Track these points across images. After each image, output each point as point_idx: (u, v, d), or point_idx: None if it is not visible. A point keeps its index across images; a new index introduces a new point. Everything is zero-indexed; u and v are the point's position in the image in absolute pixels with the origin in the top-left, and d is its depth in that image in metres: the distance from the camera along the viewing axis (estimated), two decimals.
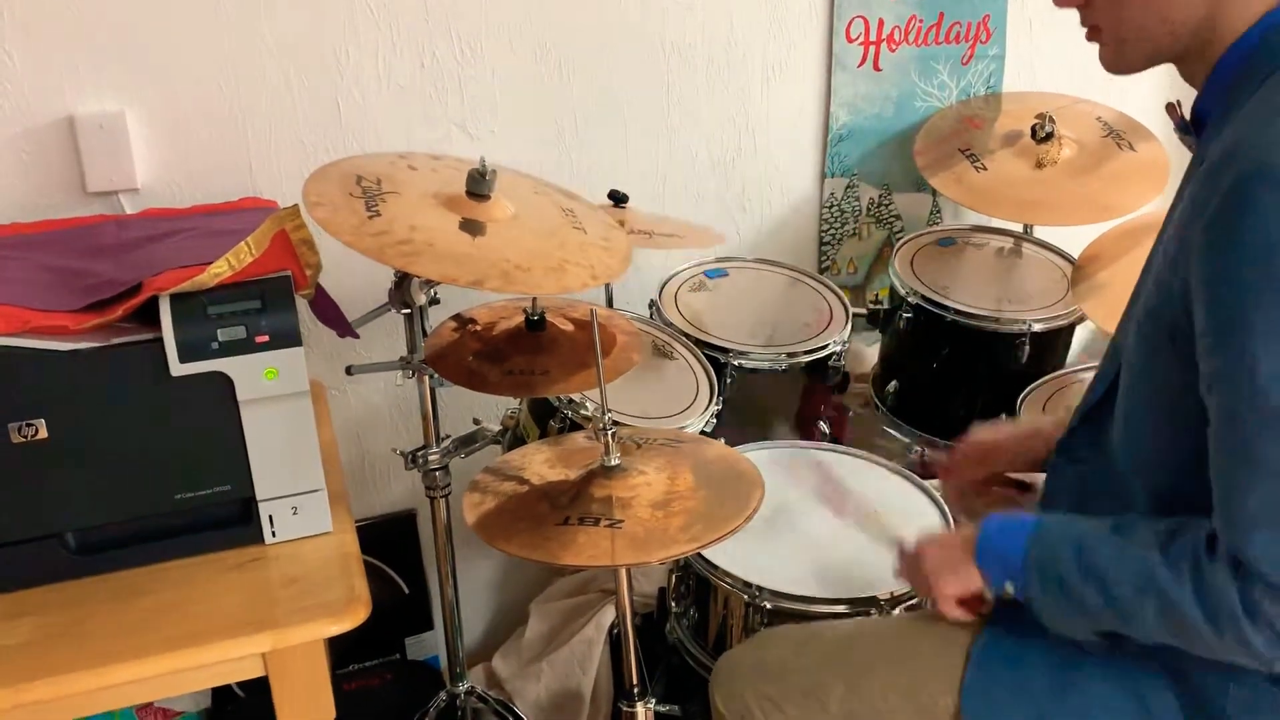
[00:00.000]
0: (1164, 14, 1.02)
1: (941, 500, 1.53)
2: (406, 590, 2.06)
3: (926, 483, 1.57)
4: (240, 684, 1.90)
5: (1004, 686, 1.14)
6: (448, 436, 1.62)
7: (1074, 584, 1.04)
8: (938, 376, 1.95)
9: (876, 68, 2.08)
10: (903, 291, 1.94)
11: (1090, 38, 1.09)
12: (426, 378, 1.52)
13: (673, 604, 1.58)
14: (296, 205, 1.27)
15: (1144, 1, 1.03)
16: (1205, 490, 0.98)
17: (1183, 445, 1.01)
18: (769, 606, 1.38)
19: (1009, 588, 1.10)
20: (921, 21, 2.07)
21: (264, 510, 1.29)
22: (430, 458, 1.59)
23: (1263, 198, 0.89)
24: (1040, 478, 1.40)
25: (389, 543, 2.03)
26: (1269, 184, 0.88)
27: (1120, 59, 1.08)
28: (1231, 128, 0.97)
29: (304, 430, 1.26)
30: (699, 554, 1.44)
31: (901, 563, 1.24)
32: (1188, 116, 1.08)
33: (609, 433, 1.30)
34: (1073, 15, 1.15)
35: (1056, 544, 1.07)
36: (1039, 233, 2.12)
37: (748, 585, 1.40)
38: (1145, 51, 1.06)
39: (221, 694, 1.91)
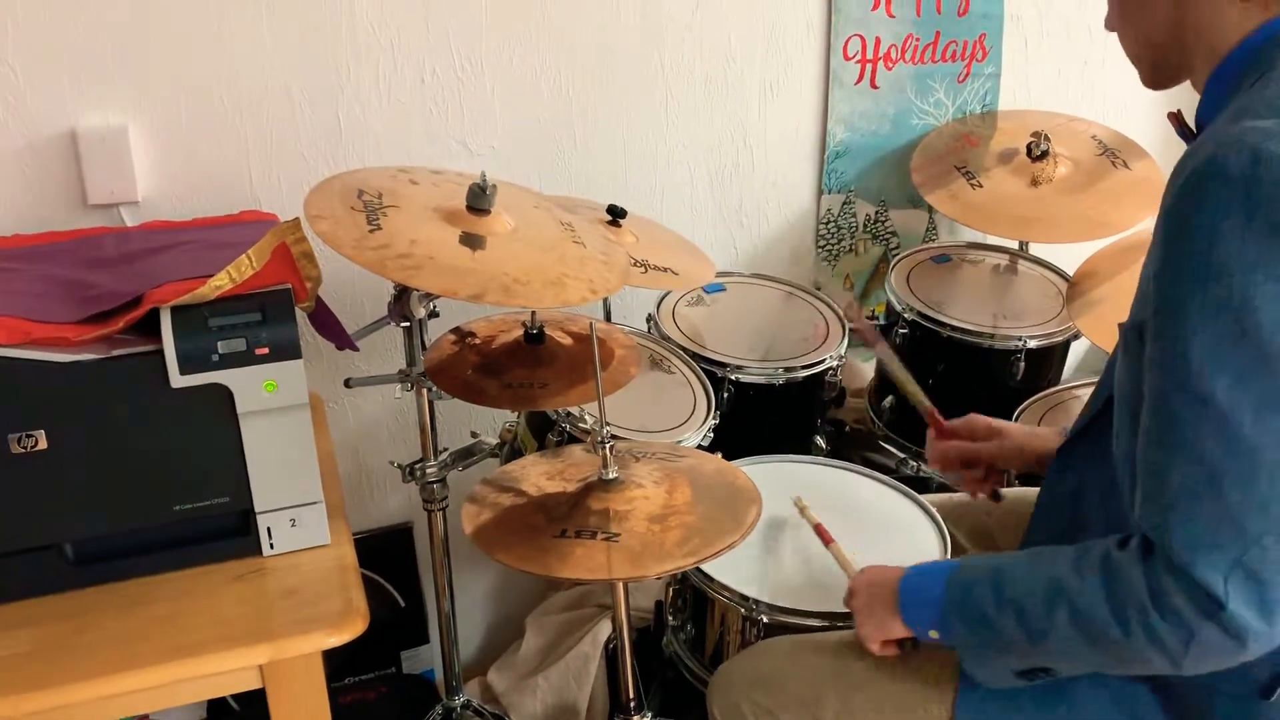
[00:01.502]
0: (1142, 33, 1.08)
1: (937, 513, 1.53)
2: (402, 603, 2.06)
3: (923, 497, 1.57)
4: (235, 696, 1.90)
5: (996, 700, 1.14)
6: (445, 450, 1.63)
7: (991, 615, 1.04)
8: (933, 392, 1.94)
9: (873, 85, 2.10)
10: (899, 307, 1.95)
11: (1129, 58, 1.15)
12: (425, 391, 1.52)
13: (670, 617, 1.58)
14: (298, 218, 1.27)
15: (1129, 24, 1.10)
16: None
17: None
18: (765, 620, 1.39)
19: (933, 634, 1.11)
20: (918, 40, 2.09)
21: (262, 522, 1.29)
22: (428, 471, 1.59)
23: (1212, 191, 0.90)
24: (1028, 492, 1.41)
25: (385, 556, 2.03)
26: (1219, 178, 0.90)
27: (1142, 75, 1.14)
28: (1207, 129, 1.00)
29: (303, 442, 1.27)
30: (696, 567, 1.44)
31: (846, 595, 1.25)
32: (1191, 125, 1.10)
33: (607, 446, 1.31)
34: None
35: (973, 582, 1.08)
36: (1034, 250, 2.14)
37: (744, 599, 1.40)
38: (1145, 65, 1.12)
39: (216, 707, 1.91)
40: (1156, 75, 1.12)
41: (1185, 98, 1.11)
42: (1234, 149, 0.90)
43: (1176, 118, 1.13)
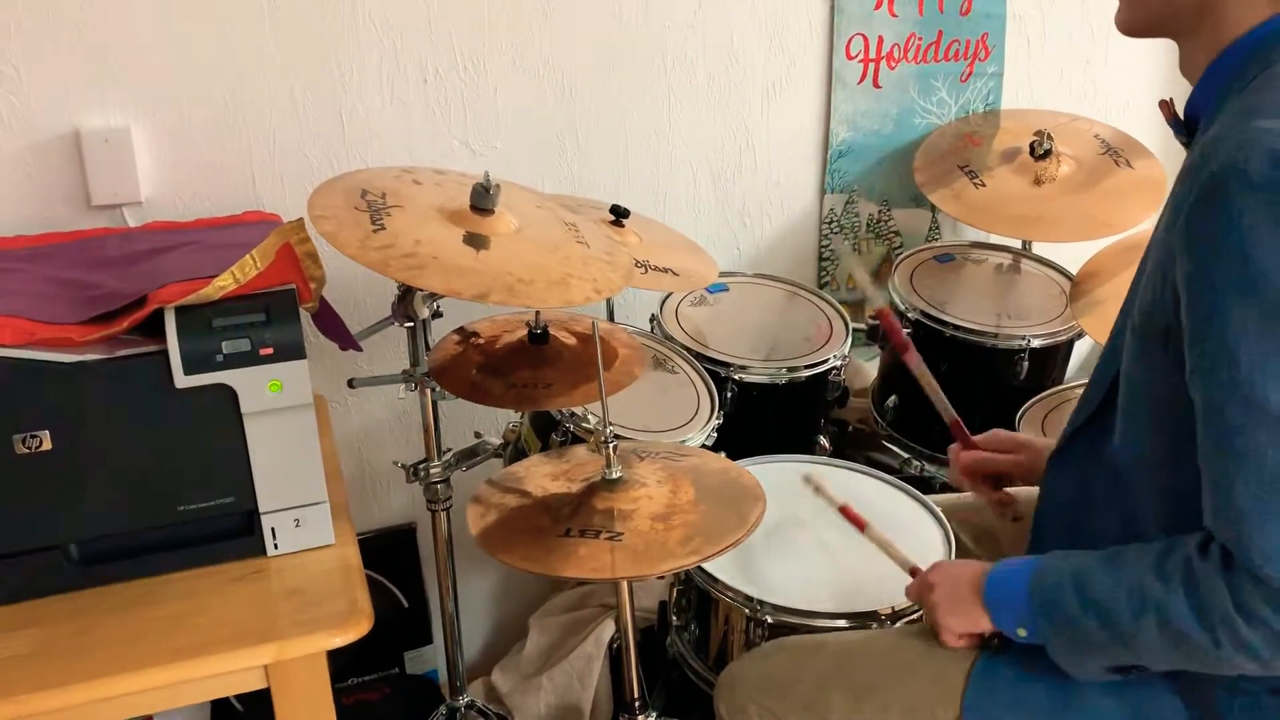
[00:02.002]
0: None
1: (941, 513, 1.53)
2: (406, 604, 2.06)
3: (927, 497, 1.57)
4: (239, 697, 1.90)
5: (1005, 703, 1.14)
6: (449, 450, 1.63)
7: (1076, 618, 1.04)
8: None
9: (876, 85, 2.10)
10: (902, 307, 1.95)
11: None
12: (429, 391, 1.52)
13: (674, 618, 1.58)
14: (301, 219, 1.27)
15: None
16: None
17: (1183, 445, 1.02)
18: (770, 620, 1.38)
19: (1021, 632, 1.11)
20: (921, 39, 2.09)
21: (266, 522, 1.29)
22: (432, 471, 1.59)
23: (1235, 197, 0.90)
24: (1032, 492, 1.41)
25: (389, 556, 2.03)
26: (1240, 183, 0.90)
27: (1125, 20, 1.11)
28: (1215, 125, 0.99)
29: (307, 443, 1.27)
30: (700, 567, 1.44)
31: (912, 587, 1.25)
32: (1180, 114, 1.09)
33: (611, 445, 1.31)
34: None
35: (1057, 584, 1.07)
36: (1037, 249, 2.14)
37: (749, 599, 1.40)
38: (1147, 18, 1.09)
39: (220, 708, 1.91)
40: (1144, 25, 1.10)
41: (1177, 87, 1.11)
42: (1253, 153, 0.90)
43: (1167, 106, 1.12)
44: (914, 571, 1.31)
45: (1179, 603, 0.97)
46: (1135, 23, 1.11)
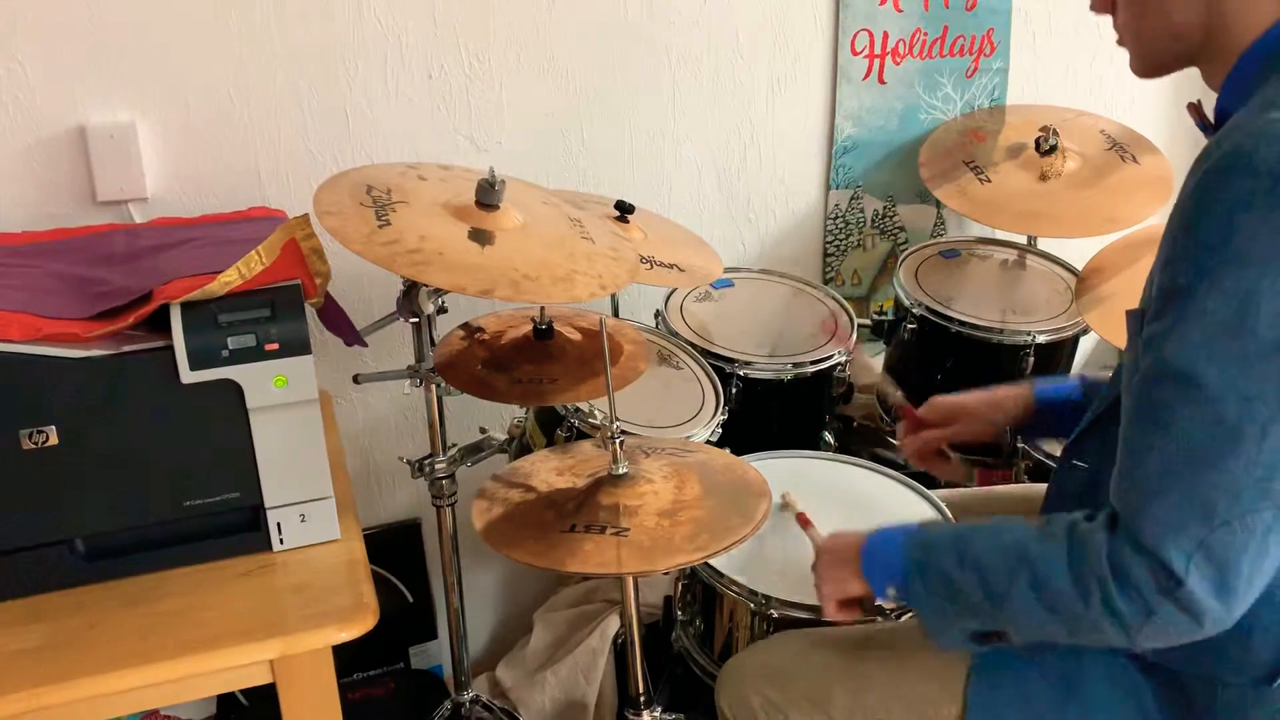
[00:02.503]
0: (1167, 20, 1.05)
1: (945, 509, 1.53)
2: (411, 599, 2.07)
3: (931, 492, 1.57)
4: (244, 691, 1.90)
5: (1007, 697, 1.14)
6: (454, 445, 1.63)
7: (952, 575, 1.05)
8: (942, 387, 1.93)
9: (881, 80, 2.09)
10: (907, 303, 1.95)
11: (1119, 43, 1.12)
12: (434, 386, 1.53)
13: (679, 612, 1.58)
14: (307, 214, 1.27)
15: (1150, 9, 1.06)
16: None
17: None
18: (775, 615, 1.39)
19: (891, 592, 1.12)
20: (926, 35, 2.09)
21: (272, 517, 1.29)
22: (437, 466, 1.59)
23: (1235, 181, 0.90)
24: (1037, 487, 1.41)
25: (394, 551, 2.04)
26: (1244, 169, 0.90)
27: (1138, 63, 1.11)
28: (1231, 120, 0.98)
29: (312, 438, 1.27)
30: (706, 562, 1.44)
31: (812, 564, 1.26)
32: (1210, 117, 1.09)
33: (617, 441, 1.31)
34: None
35: (936, 543, 1.09)
36: (1043, 245, 2.13)
37: (754, 594, 1.40)
38: (1156, 56, 1.09)
39: (226, 702, 1.92)
40: (1159, 64, 1.10)
41: (1192, 91, 1.10)
42: (1261, 141, 0.89)
43: (1196, 109, 1.12)
44: None
45: (1056, 559, 0.98)
46: (1148, 64, 1.11)
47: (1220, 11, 1.01)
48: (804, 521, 1.46)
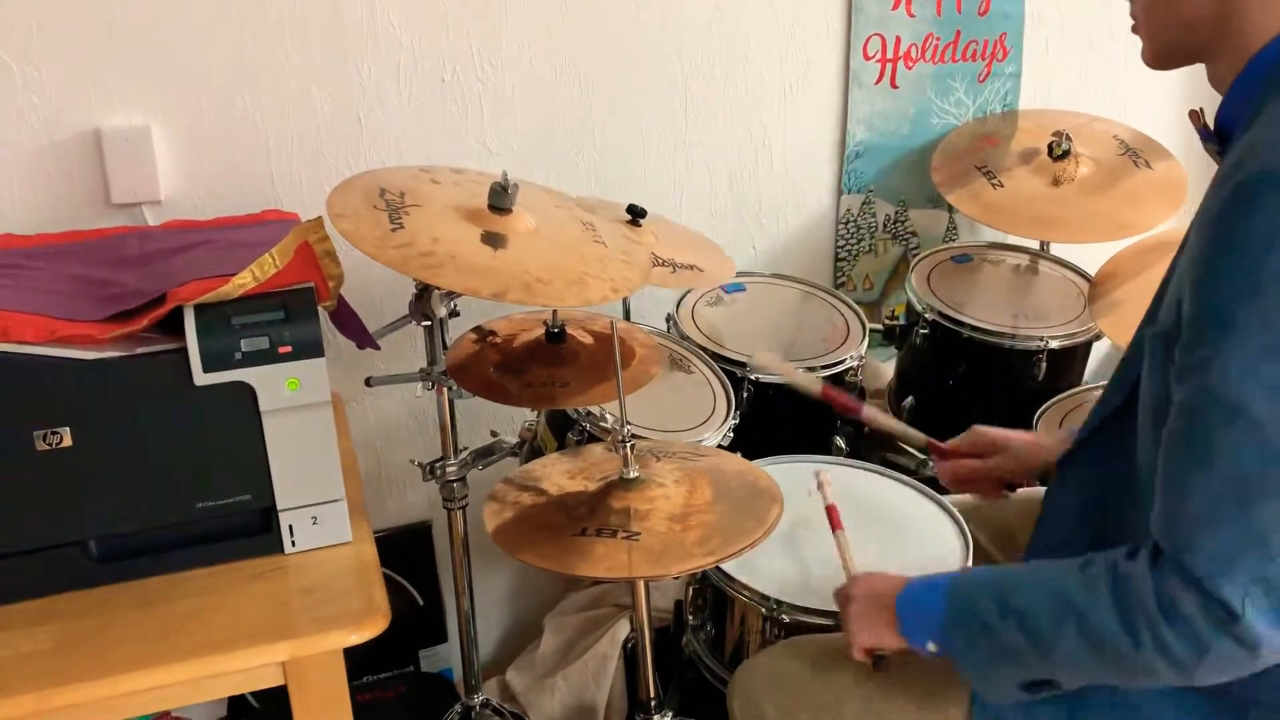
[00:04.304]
0: (1177, 11, 1.04)
1: (958, 514, 1.52)
2: (421, 602, 2.07)
3: (943, 497, 1.57)
4: (255, 694, 1.90)
5: (1013, 705, 1.13)
6: (465, 448, 1.63)
7: (994, 626, 1.02)
8: (954, 393, 1.95)
9: (893, 85, 2.09)
10: (919, 308, 1.94)
11: (1133, 30, 1.11)
12: (445, 389, 1.53)
13: (689, 617, 1.58)
14: (320, 217, 1.28)
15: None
16: None
17: None
18: (786, 620, 1.38)
19: (931, 647, 1.09)
20: (938, 39, 2.09)
21: (284, 520, 1.29)
22: (448, 469, 1.59)
23: (1267, 199, 0.88)
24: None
25: (404, 554, 2.04)
26: (1274, 185, 0.88)
27: (1148, 52, 1.10)
28: (1250, 133, 0.97)
29: (325, 440, 1.27)
30: (717, 567, 1.44)
31: (838, 591, 1.23)
32: (1211, 124, 1.08)
33: (628, 445, 1.31)
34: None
35: (975, 594, 1.06)
36: (1055, 250, 2.13)
37: (765, 599, 1.40)
38: (1167, 47, 1.08)
39: (236, 704, 1.92)
40: (1168, 55, 1.09)
41: (1205, 97, 1.10)
42: None
43: (1197, 116, 1.11)
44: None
45: (1102, 603, 0.95)
46: (1158, 53, 1.09)
47: (1232, 10, 1.00)
48: (834, 520, 1.43)
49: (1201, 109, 1.11)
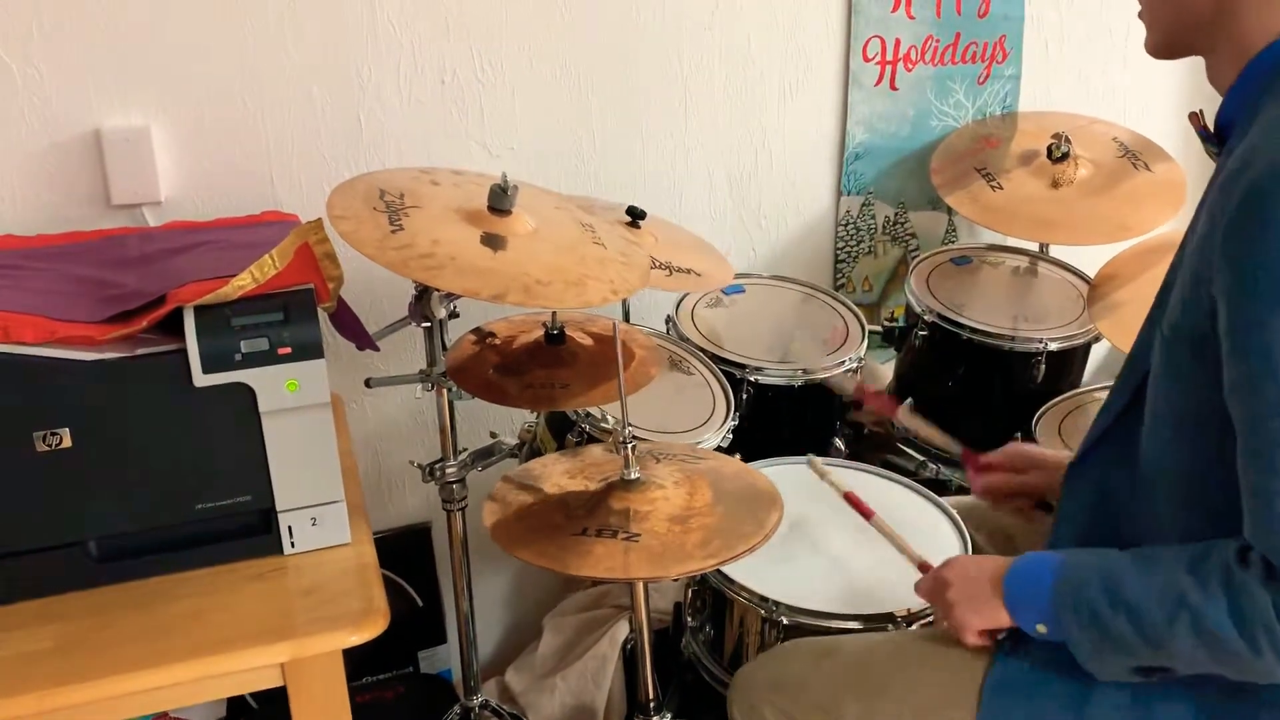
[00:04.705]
0: (1179, 2, 1.04)
1: (957, 516, 1.52)
2: (420, 603, 2.07)
3: (943, 500, 1.57)
4: (254, 695, 1.90)
5: (1021, 707, 1.13)
6: (465, 450, 1.63)
7: (1105, 618, 1.03)
8: (953, 395, 1.95)
9: (893, 87, 2.09)
10: (918, 309, 1.94)
11: (1139, 16, 1.11)
12: (445, 391, 1.53)
13: (689, 618, 1.58)
14: (320, 219, 1.28)
15: None
16: (1233, 500, 0.98)
17: (1201, 458, 1.01)
18: (785, 622, 1.38)
19: (1041, 629, 1.09)
20: (938, 41, 2.09)
21: (283, 521, 1.29)
22: (447, 471, 1.59)
23: (1277, 205, 0.89)
24: None
25: (404, 555, 2.04)
26: None
27: (1151, 42, 1.11)
28: (1251, 135, 0.97)
29: (324, 442, 1.27)
30: (716, 569, 1.44)
31: (924, 583, 1.23)
32: (1210, 125, 1.08)
33: (629, 446, 1.31)
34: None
35: (1083, 580, 1.06)
36: (1055, 252, 2.13)
37: (764, 600, 1.40)
38: (1168, 38, 1.09)
39: (235, 705, 1.92)
40: (1170, 45, 1.09)
41: (1204, 99, 1.10)
42: None
43: (1197, 118, 1.11)
44: (923, 567, 1.30)
45: (1217, 608, 0.96)
46: (1160, 43, 1.10)
47: (1231, 9, 1.00)
48: (861, 507, 1.40)
49: (1201, 111, 1.11)
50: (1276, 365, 0.91)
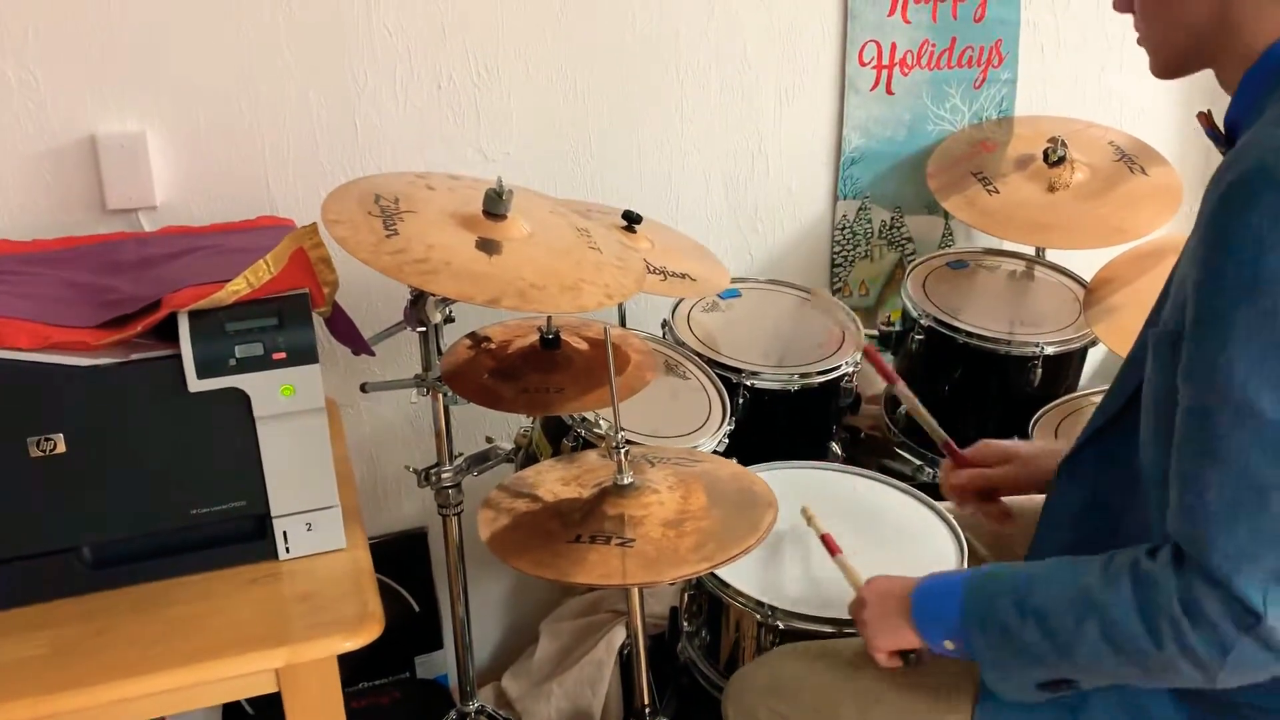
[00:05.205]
0: (1178, 18, 1.04)
1: (954, 520, 1.52)
2: (417, 608, 2.06)
3: (939, 504, 1.57)
4: (250, 700, 1.90)
5: (1015, 712, 1.13)
6: (460, 454, 1.63)
7: (1014, 627, 1.02)
8: (950, 399, 1.95)
9: (889, 91, 2.09)
10: (915, 314, 1.94)
11: (1138, 44, 1.11)
12: (440, 395, 1.53)
13: (684, 623, 1.58)
14: (315, 224, 1.28)
15: (1162, 8, 1.05)
16: None
17: None
18: (781, 626, 1.38)
19: (948, 645, 1.09)
20: (934, 45, 2.09)
21: (278, 526, 1.29)
22: (443, 476, 1.59)
23: (1261, 196, 0.88)
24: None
25: (400, 560, 2.04)
26: (1266, 183, 0.88)
27: (1154, 63, 1.10)
28: (1249, 133, 0.97)
29: (319, 447, 1.27)
30: (712, 573, 1.44)
31: (852, 603, 1.23)
32: (1220, 126, 1.08)
33: (622, 451, 1.31)
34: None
35: (993, 593, 1.06)
36: (1051, 256, 2.13)
37: (760, 605, 1.40)
38: (1172, 56, 1.08)
39: (231, 710, 1.92)
40: (1174, 64, 1.08)
41: (1214, 98, 1.10)
42: None
43: (1206, 118, 1.10)
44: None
45: (1123, 601, 0.95)
46: (1165, 63, 1.09)
47: (1231, 15, 1.00)
48: (831, 546, 1.42)
49: (1210, 110, 1.11)
50: (1229, 356, 0.90)
